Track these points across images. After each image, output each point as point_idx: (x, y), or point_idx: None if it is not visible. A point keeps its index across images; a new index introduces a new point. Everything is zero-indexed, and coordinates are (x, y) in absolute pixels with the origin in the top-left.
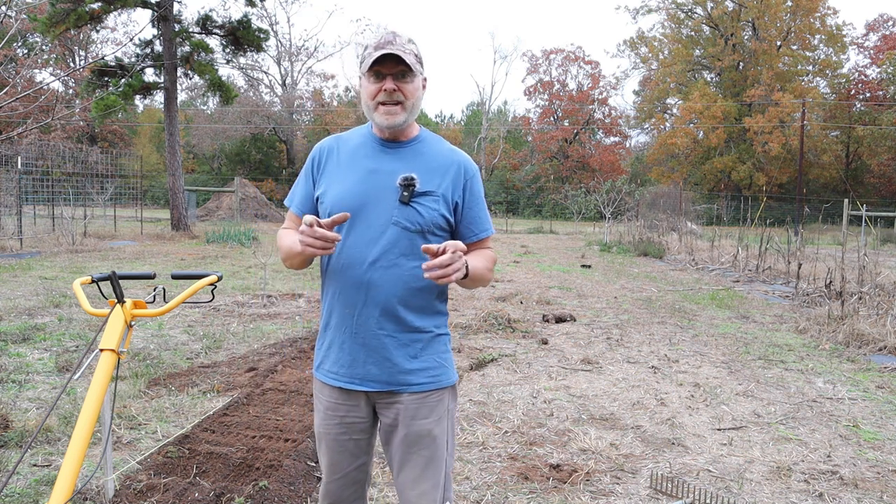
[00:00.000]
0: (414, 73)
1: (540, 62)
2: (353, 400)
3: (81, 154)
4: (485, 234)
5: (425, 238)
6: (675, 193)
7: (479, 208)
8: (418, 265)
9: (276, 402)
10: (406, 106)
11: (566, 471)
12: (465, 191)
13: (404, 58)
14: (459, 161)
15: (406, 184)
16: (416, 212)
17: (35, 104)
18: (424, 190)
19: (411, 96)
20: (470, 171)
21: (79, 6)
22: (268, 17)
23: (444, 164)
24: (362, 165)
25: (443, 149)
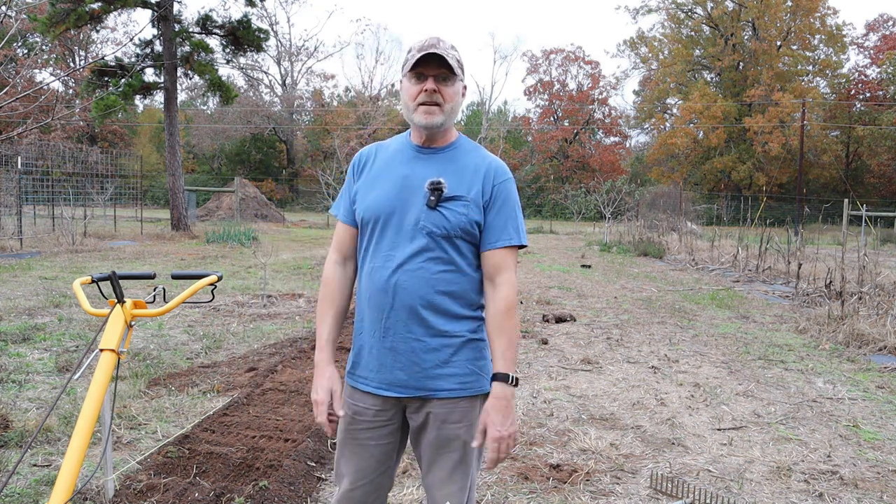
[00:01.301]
0: (455, 76)
1: (540, 62)
2: (381, 405)
3: (81, 154)
4: (501, 243)
5: (453, 243)
6: (675, 193)
7: (505, 216)
8: (445, 269)
9: (276, 402)
10: (445, 109)
11: (566, 471)
12: (492, 195)
13: (447, 59)
14: (490, 164)
15: (433, 188)
16: (443, 216)
17: (35, 104)
18: (454, 195)
19: (451, 99)
20: (500, 175)
21: (79, 6)
22: (268, 17)
23: (476, 168)
24: (396, 172)
25: (478, 154)
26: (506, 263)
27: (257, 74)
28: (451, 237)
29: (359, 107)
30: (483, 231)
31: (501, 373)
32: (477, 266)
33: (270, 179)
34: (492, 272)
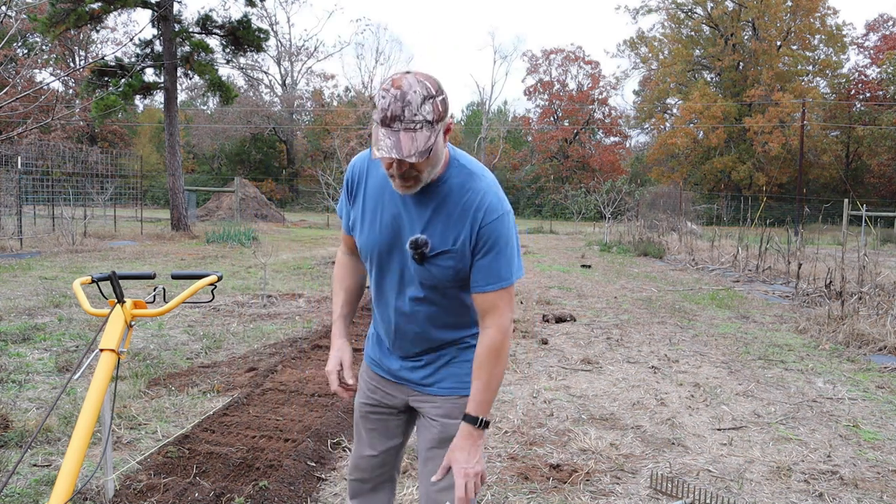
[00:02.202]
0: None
1: (540, 62)
2: (390, 388)
3: (81, 154)
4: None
5: (443, 293)
6: (675, 193)
7: (492, 258)
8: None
9: (276, 402)
10: (422, 177)
11: (566, 471)
12: (478, 238)
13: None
14: (479, 204)
15: (415, 248)
16: (429, 272)
17: (35, 104)
18: (440, 250)
19: (426, 167)
20: (489, 216)
21: (79, 6)
22: (268, 17)
23: (463, 210)
24: (387, 210)
25: (468, 191)
26: (495, 306)
27: (257, 74)
28: (437, 287)
29: (359, 107)
30: (471, 272)
31: (471, 415)
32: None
33: (270, 179)
34: (481, 314)
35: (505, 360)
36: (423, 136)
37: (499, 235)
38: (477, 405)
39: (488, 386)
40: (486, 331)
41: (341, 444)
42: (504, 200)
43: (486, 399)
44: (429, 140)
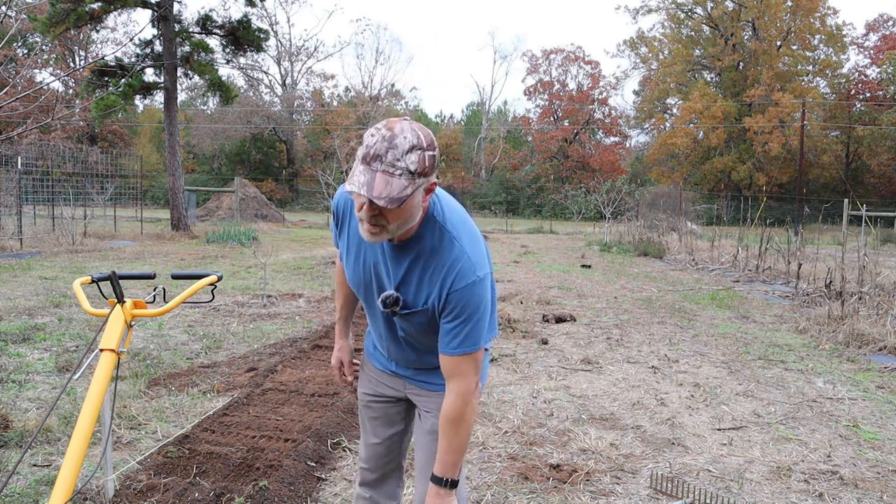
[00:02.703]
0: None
1: (540, 62)
2: (388, 380)
3: (81, 154)
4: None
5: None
6: (675, 193)
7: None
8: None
9: (276, 402)
10: (390, 229)
11: (566, 471)
12: (446, 303)
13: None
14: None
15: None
16: (405, 322)
17: (35, 104)
18: (412, 310)
19: (396, 220)
20: (458, 282)
21: (79, 6)
22: (268, 17)
23: (434, 272)
24: (366, 256)
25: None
26: (458, 371)
27: (257, 74)
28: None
29: (359, 107)
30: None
31: (435, 475)
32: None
33: (270, 179)
34: (446, 375)
35: (468, 426)
36: (400, 184)
37: (467, 302)
38: (442, 466)
39: (450, 448)
40: (448, 395)
41: (341, 444)
42: (479, 264)
43: (449, 461)
44: (404, 189)
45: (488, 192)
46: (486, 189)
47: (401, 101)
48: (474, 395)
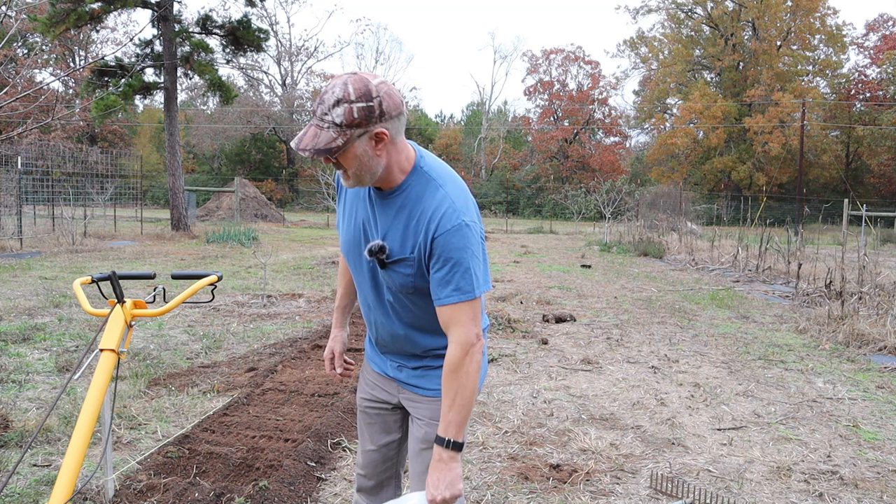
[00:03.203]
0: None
1: (540, 62)
2: (385, 384)
3: (81, 154)
4: (445, 301)
5: (411, 299)
6: (675, 193)
7: (446, 271)
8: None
9: (276, 402)
10: (350, 173)
11: (566, 471)
12: (432, 250)
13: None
14: (433, 214)
15: (374, 254)
16: (391, 277)
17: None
18: (398, 257)
19: (351, 165)
20: (442, 226)
21: (79, 6)
22: (268, 17)
23: (419, 220)
24: (357, 214)
25: (426, 199)
26: (455, 320)
27: (257, 74)
28: (407, 294)
29: None
30: (430, 282)
31: (438, 435)
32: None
33: (270, 179)
34: (444, 328)
35: (469, 380)
36: (327, 136)
37: (454, 247)
38: (445, 425)
39: (454, 405)
40: (449, 347)
41: (341, 444)
42: (464, 211)
43: (453, 420)
44: (333, 141)
45: (488, 192)
46: (486, 189)
47: None
48: (475, 346)
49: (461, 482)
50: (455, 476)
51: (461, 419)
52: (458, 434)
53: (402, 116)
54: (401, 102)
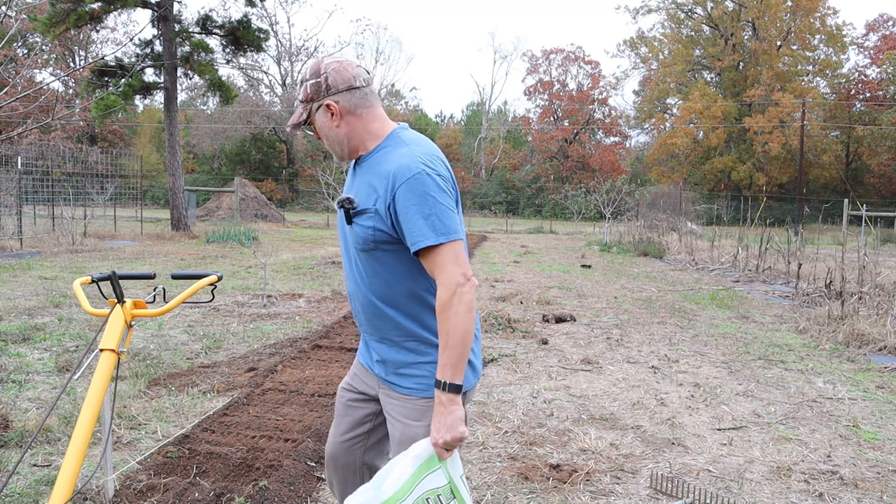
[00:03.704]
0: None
1: (540, 62)
2: (366, 376)
3: (81, 154)
4: (416, 245)
5: (376, 256)
6: (675, 193)
7: (413, 220)
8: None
9: (276, 402)
10: (326, 143)
11: (566, 471)
12: (394, 201)
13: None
14: (394, 168)
15: (342, 206)
16: (355, 233)
17: (35, 104)
18: (361, 208)
19: (322, 134)
20: (399, 178)
21: (79, 6)
22: (268, 17)
23: (384, 175)
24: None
25: (392, 157)
26: (436, 263)
27: (257, 74)
28: (369, 250)
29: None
30: (403, 236)
31: (437, 379)
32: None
33: (270, 179)
34: (431, 274)
35: (460, 319)
36: (297, 113)
37: (415, 193)
38: (441, 368)
39: (447, 345)
40: (437, 290)
41: None
42: (424, 163)
43: (447, 362)
44: (300, 116)
45: (488, 192)
46: (486, 189)
47: (401, 101)
48: (462, 286)
49: (462, 424)
50: (455, 418)
51: (455, 360)
52: (454, 376)
53: (354, 90)
54: (352, 78)
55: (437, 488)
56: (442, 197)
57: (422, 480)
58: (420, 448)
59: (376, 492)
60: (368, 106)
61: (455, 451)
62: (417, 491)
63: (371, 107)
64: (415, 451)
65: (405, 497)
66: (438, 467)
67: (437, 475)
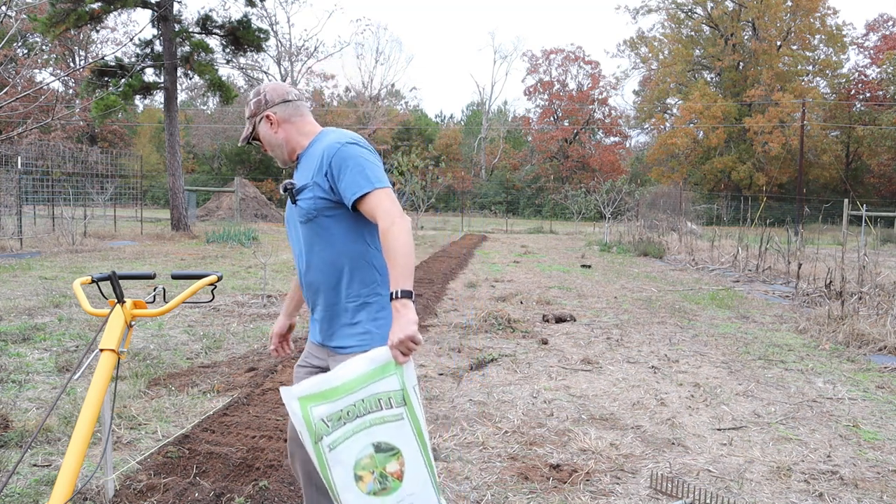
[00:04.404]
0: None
1: (540, 62)
2: (317, 351)
3: (81, 154)
4: (353, 197)
5: (320, 223)
6: (675, 193)
7: (346, 177)
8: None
9: (276, 402)
10: (269, 151)
11: (566, 471)
12: (330, 168)
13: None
14: (325, 147)
15: (285, 189)
16: (300, 207)
17: (35, 104)
18: (302, 185)
19: (266, 143)
20: (329, 151)
21: (79, 6)
22: (268, 17)
23: (315, 157)
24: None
25: (322, 143)
26: (373, 205)
27: (257, 74)
28: (313, 219)
29: (359, 107)
30: (342, 194)
31: (390, 293)
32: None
33: (270, 179)
34: (369, 217)
35: (400, 241)
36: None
37: (345, 159)
38: (392, 281)
39: (395, 265)
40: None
41: None
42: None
43: (397, 276)
44: (248, 130)
45: (488, 192)
46: (486, 189)
47: (401, 101)
48: (399, 217)
49: (415, 325)
50: (408, 320)
51: (403, 272)
52: (404, 284)
53: (289, 103)
54: (285, 93)
55: (390, 392)
56: (368, 156)
57: (376, 381)
58: (378, 352)
59: (327, 379)
60: (300, 115)
61: (411, 362)
62: (370, 389)
63: (303, 115)
64: (373, 353)
65: (355, 390)
66: (394, 373)
67: (392, 380)
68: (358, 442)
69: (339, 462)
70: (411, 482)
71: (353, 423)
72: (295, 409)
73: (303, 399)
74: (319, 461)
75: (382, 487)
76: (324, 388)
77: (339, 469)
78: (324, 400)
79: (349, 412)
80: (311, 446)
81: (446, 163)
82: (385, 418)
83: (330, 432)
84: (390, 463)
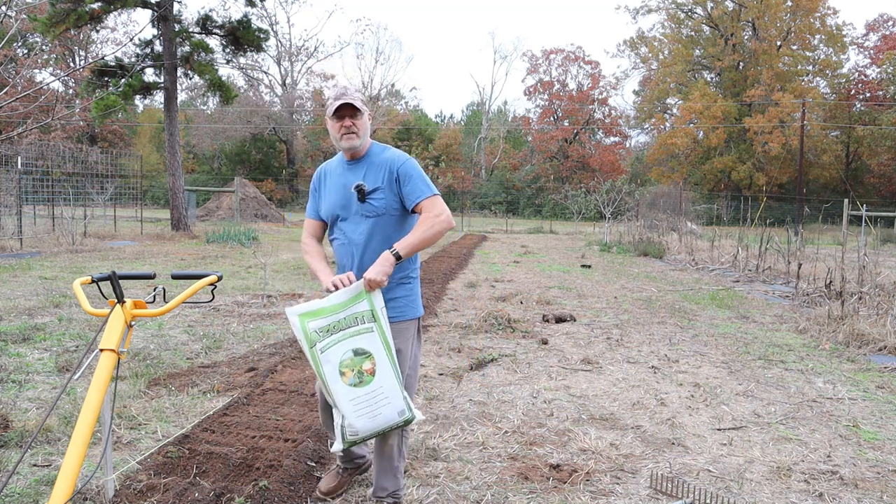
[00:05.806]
0: (362, 112)
1: (540, 62)
2: None
3: (81, 154)
4: (417, 199)
5: (385, 219)
6: (675, 193)
7: (412, 184)
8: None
9: (276, 402)
10: (359, 134)
11: (566, 471)
12: (397, 177)
13: (355, 104)
14: (388, 159)
15: (357, 189)
16: (371, 205)
17: (35, 104)
18: (373, 188)
19: (362, 128)
20: (396, 163)
21: (79, 6)
22: (268, 17)
23: (382, 165)
24: (338, 182)
25: (383, 155)
26: (428, 207)
27: (257, 74)
28: (381, 215)
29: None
30: (404, 198)
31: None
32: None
33: (270, 179)
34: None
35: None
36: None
37: (409, 171)
38: (402, 242)
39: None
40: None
41: None
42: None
43: (410, 241)
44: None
45: (488, 192)
46: (486, 189)
47: (401, 101)
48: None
49: (385, 275)
50: (383, 269)
51: (413, 244)
52: (404, 249)
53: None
54: None
55: (362, 311)
56: (422, 172)
57: (353, 305)
58: (355, 285)
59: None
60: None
61: (378, 292)
62: (350, 310)
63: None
64: (351, 286)
65: (338, 312)
66: (364, 299)
67: (363, 303)
68: (341, 347)
69: (329, 361)
70: (381, 377)
71: (338, 334)
72: (295, 323)
73: (301, 315)
74: (314, 362)
75: (360, 381)
76: (316, 308)
77: (328, 367)
78: (316, 316)
79: (335, 326)
80: (308, 351)
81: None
82: (360, 331)
83: (321, 340)
84: (365, 363)
